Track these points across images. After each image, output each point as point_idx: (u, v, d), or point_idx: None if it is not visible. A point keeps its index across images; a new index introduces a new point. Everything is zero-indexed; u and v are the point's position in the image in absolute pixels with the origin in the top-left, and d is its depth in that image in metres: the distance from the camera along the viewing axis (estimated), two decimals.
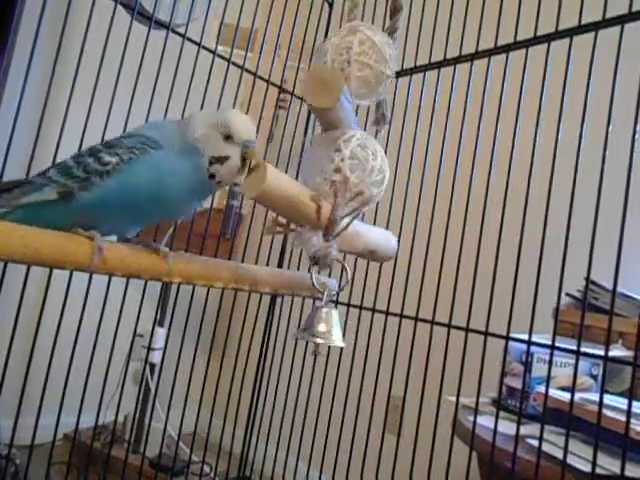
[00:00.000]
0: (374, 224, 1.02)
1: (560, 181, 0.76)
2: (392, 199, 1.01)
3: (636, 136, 0.69)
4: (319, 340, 0.63)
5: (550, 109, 0.80)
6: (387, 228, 1.00)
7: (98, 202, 0.59)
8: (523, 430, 0.78)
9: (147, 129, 0.64)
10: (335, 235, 0.61)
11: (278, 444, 1.12)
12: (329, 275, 0.93)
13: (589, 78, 0.76)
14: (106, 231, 0.61)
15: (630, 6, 0.75)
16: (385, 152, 1.03)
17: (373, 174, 0.65)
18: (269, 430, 1.16)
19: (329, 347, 1.06)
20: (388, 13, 0.77)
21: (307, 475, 1.08)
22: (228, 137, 0.61)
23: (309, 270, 0.66)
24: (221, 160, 0.60)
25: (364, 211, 0.67)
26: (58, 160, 0.81)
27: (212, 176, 0.61)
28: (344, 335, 1.03)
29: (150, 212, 0.63)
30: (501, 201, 0.82)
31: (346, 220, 0.62)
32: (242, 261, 1.06)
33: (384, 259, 0.81)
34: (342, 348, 1.03)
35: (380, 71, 0.66)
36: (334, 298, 0.67)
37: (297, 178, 0.67)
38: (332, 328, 0.64)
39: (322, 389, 1.06)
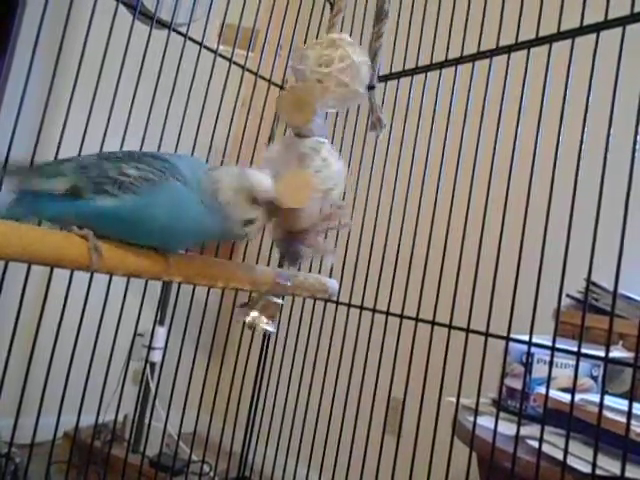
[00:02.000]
0: (374, 224, 1.02)
1: (562, 182, 0.76)
2: (393, 200, 1.01)
3: (638, 137, 0.69)
4: (249, 319, 0.70)
5: (552, 110, 0.80)
6: (388, 229, 1.00)
7: (106, 211, 0.58)
8: (523, 431, 0.78)
9: (178, 159, 0.63)
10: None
11: (278, 445, 1.12)
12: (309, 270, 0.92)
13: (591, 79, 0.76)
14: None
15: (632, 7, 0.75)
16: (386, 153, 1.04)
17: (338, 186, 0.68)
18: (269, 430, 1.16)
19: (329, 347, 1.06)
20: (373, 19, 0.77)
21: (307, 477, 1.08)
22: (254, 200, 0.63)
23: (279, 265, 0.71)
24: (252, 221, 0.63)
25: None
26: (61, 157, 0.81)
27: (245, 234, 0.64)
28: (344, 335, 1.04)
29: (154, 237, 0.62)
30: (502, 202, 0.82)
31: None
32: (242, 261, 1.06)
33: None
34: (343, 348, 1.03)
35: (355, 89, 0.67)
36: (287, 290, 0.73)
37: None
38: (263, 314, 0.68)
39: (322, 390, 1.06)
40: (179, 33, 0.95)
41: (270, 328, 0.70)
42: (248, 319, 0.69)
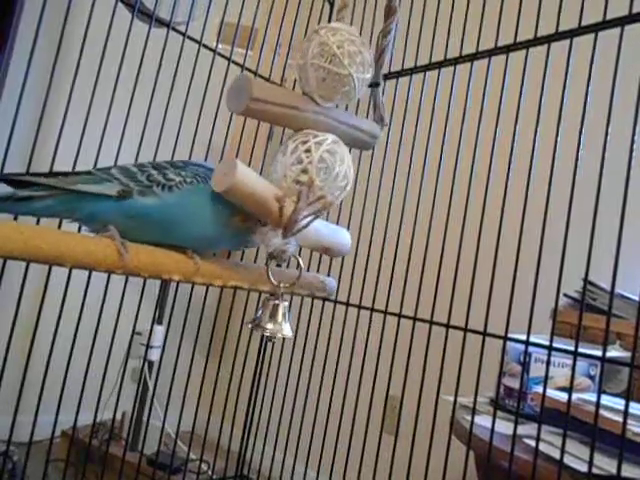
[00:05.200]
0: (373, 223, 1.03)
1: (559, 182, 0.76)
2: (391, 199, 1.01)
3: (635, 137, 0.69)
4: (267, 332, 0.69)
5: (550, 110, 0.80)
6: (386, 228, 1.00)
7: (151, 210, 0.64)
8: (520, 430, 0.78)
9: (210, 165, 0.71)
10: (293, 234, 0.64)
11: (276, 443, 1.13)
12: (287, 267, 0.93)
13: (589, 79, 0.76)
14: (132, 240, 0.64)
15: (630, 7, 0.75)
16: (385, 152, 1.04)
17: (338, 180, 0.67)
18: (267, 429, 1.16)
19: (327, 345, 1.06)
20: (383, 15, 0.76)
21: (304, 475, 1.08)
22: None
23: (266, 263, 0.70)
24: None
25: (324, 213, 0.70)
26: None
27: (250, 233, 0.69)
28: (342, 334, 1.04)
29: (187, 235, 0.67)
30: (500, 202, 0.82)
31: (306, 220, 0.65)
32: (241, 260, 1.06)
33: (338, 255, 0.84)
34: (341, 347, 1.03)
35: (335, 72, 0.67)
36: (286, 290, 0.71)
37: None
38: (281, 320, 0.69)
39: (320, 388, 1.06)
40: (178, 32, 0.95)
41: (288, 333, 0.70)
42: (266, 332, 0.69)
